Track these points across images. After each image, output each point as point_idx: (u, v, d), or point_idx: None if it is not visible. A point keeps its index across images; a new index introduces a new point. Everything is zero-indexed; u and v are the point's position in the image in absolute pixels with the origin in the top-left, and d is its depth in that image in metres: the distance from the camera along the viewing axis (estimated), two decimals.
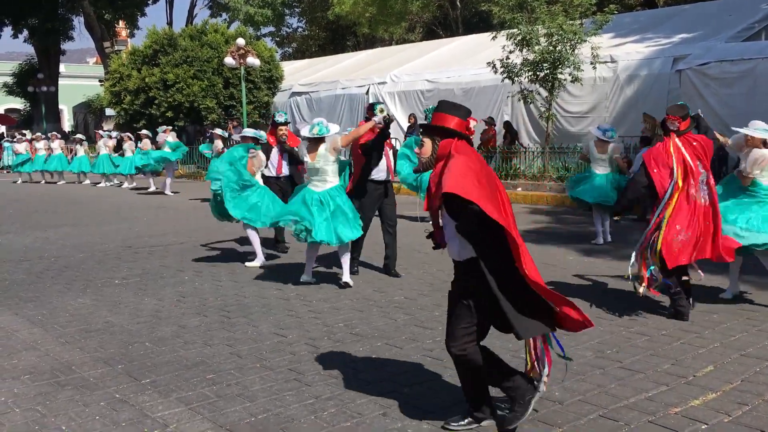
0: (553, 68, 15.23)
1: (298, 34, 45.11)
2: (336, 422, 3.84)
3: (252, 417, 3.93)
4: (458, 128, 3.59)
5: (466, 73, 19.39)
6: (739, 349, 4.89)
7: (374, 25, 32.36)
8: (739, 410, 3.86)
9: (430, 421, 3.81)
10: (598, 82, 15.65)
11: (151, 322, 5.91)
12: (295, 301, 6.54)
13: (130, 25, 41.32)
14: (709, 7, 19.00)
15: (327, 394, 4.24)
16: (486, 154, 17.39)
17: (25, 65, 41.97)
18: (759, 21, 16.27)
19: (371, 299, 6.58)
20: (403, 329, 5.59)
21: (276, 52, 29.99)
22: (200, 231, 11.18)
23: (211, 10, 43.26)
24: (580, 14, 15.41)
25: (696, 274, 5.97)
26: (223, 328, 5.69)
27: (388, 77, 21.50)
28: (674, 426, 3.68)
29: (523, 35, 15.27)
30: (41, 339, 5.48)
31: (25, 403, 4.20)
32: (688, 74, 14.78)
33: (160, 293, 6.95)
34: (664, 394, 4.11)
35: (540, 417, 3.84)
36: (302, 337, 5.43)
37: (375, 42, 36.56)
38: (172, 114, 24.66)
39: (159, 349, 5.17)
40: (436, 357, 4.87)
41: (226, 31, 27.10)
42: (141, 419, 3.93)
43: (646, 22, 19.14)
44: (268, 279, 7.54)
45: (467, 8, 34.20)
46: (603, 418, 3.82)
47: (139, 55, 26.19)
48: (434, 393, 4.23)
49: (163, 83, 24.65)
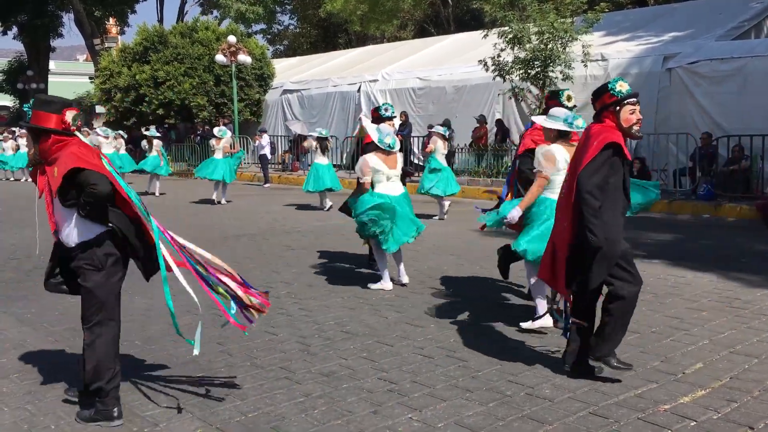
0: (544, 66, 15.27)
1: (289, 31, 44.99)
2: (326, 420, 3.83)
3: (242, 415, 3.92)
4: (57, 126, 3.76)
5: (457, 70, 19.40)
6: (728, 346, 4.92)
7: (366, 23, 32.33)
8: (728, 407, 3.88)
9: (421, 419, 3.82)
10: (589, 80, 15.65)
11: (141, 321, 5.89)
12: (285, 299, 6.53)
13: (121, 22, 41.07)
14: (699, 6, 19.07)
15: (317, 392, 4.24)
16: (477, 152, 17.44)
17: (15, 62, 41.70)
18: (749, 19, 16.34)
19: (362, 297, 6.58)
20: (393, 327, 5.59)
21: (267, 49, 29.94)
22: (191, 230, 11.14)
23: (202, 7, 43.07)
24: (571, 12, 15.46)
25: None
26: (214, 327, 5.67)
27: (380, 75, 21.48)
28: (663, 423, 3.70)
29: (514, 33, 15.30)
30: (30, 338, 5.45)
31: (14, 401, 4.18)
32: (678, 72, 14.82)
33: (151, 292, 6.91)
34: (653, 391, 4.13)
35: (530, 414, 3.85)
36: (293, 335, 5.42)
37: (366, 40, 36.49)
38: (162, 111, 24.55)
39: (149, 348, 5.16)
40: (427, 354, 4.87)
41: (217, 28, 27.01)
42: (131, 418, 3.91)
43: (637, 21, 19.20)
44: (258, 278, 7.52)
45: (459, 6, 34.20)
46: (593, 415, 3.83)
47: (129, 52, 26.05)
48: (425, 390, 4.23)
49: (154, 80, 24.53)
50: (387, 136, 6.73)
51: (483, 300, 6.43)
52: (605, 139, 4.07)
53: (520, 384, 4.27)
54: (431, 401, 4.06)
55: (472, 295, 6.62)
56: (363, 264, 8.02)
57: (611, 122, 4.19)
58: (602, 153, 4.04)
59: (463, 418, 3.83)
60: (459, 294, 6.65)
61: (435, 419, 3.82)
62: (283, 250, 9.14)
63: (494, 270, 7.59)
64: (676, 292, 6.55)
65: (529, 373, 4.46)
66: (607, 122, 4.20)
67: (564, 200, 4.27)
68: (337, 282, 7.22)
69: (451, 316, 5.86)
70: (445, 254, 8.58)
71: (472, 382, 4.35)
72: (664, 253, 8.40)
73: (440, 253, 8.64)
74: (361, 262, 8.09)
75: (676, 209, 12.60)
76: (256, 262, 8.33)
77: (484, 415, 3.86)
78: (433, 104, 19.46)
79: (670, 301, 6.19)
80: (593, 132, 4.19)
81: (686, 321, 5.57)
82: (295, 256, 8.66)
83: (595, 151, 4.05)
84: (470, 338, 5.24)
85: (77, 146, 3.77)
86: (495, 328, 5.47)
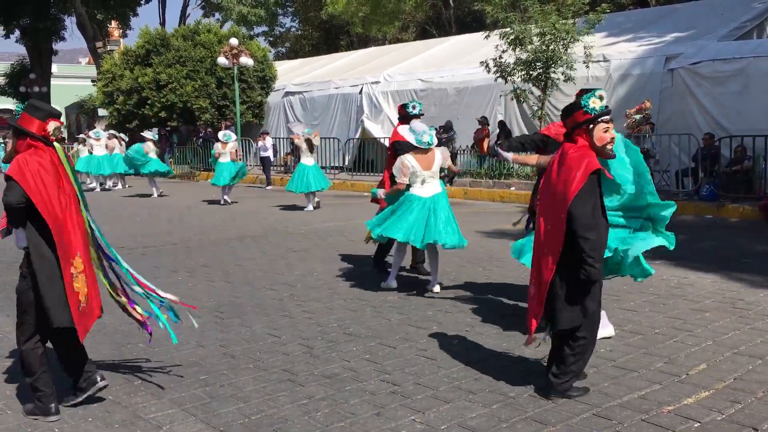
0: (546, 67, 15.27)
1: (291, 33, 45.04)
2: (329, 422, 3.83)
3: (245, 418, 3.92)
4: (38, 131, 3.93)
5: (459, 72, 19.40)
6: (732, 347, 4.91)
7: (367, 25, 32.35)
8: (731, 408, 3.87)
9: (424, 421, 3.82)
10: (590, 82, 15.62)
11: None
12: (288, 302, 6.53)
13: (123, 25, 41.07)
14: (701, 7, 19.06)
15: (320, 394, 4.24)
16: (479, 154, 17.43)
17: (17, 65, 41.76)
18: (751, 20, 16.32)
19: (364, 299, 6.58)
20: (396, 329, 5.58)
21: (269, 51, 30.00)
22: (193, 231, 11.16)
23: (204, 9, 43.13)
24: (573, 13, 15.46)
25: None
26: (217, 329, 5.67)
27: (382, 77, 21.48)
28: (667, 424, 3.69)
29: (516, 34, 15.31)
30: None
31: (18, 405, 4.18)
32: (680, 73, 14.81)
33: None
34: (657, 393, 4.12)
35: (533, 416, 3.84)
36: (296, 337, 5.42)
37: (368, 41, 36.54)
38: (165, 114, 24.59)
39: (152, 350, 5.15)
40: (429, 356, 4.87)
41: (219, 30, 27.06)
42: (134, 420, 3.92)
43: (639, 21, 19.19)
44: (261, 279, 7.53)
45: (460, 8, 34.19)
46: (596, 416, 3.83)
47: (131, 55, 26.11)
48: (429, 392, 4.23)
49: (156, 83, 24.58)
50: (423, 134, 6.55)
51: (486, 301, 6.42)
52: (590, 165, 3.84)
53: (524, 386, 4.27)
54: (434, 403, 4.06)
55: (474, 296, 6.61)
56: (365, 265, 8.01)
57: (584, 141, 3.97)
58: (590, 180, 3.84)
59: (467, 420, 3.83)
60: (462, 296, 6.65)
61: (438, 421, 3.81)
62: (285, 251, 9.15)
63: (496, 271, 7.60)
64: (679, 293, 6.54)
65: (532, 375, 4.45)
66: (580, 141, 3.97)
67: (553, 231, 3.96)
68: (340, 284, 7.22)
69: (454, 318, 5.86)
70: (448, 255, 8.57)
71: (475, 383, 4.34)
72: (666, 253, 8.33)
73: (442, 255, 8.63)
74: (362, 264, 8.09)
75: (679, 210, 12.34)
76: (259, 264, 8.33)
77: (487, 417, 3.85)
78: (435, 106, 19.46)
79: (673, 302, 6.19)
80: (572, 156, 3.91)
81: (689, 322, 5.56)
82: (298, 258, 8.66)
83: (582, 180, 3.81)
84: (473, 340, 5.23)
85: (38, 156, 3.90)
86: (498, 330, 5.47)
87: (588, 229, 3.85)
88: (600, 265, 3.90)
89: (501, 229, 9.99)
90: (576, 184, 3.82)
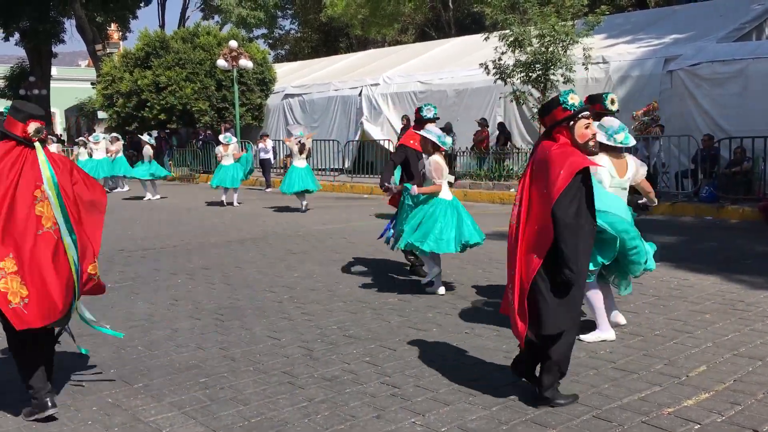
0: (545, 69, 15.27)
1: (290, 36, 45.07)
2: (329, 425, 3.83)
3: (245, 421, 3.92)
4: (21, 134, 3.97)
5: (458, 74, 19.41)
6: (732, 348, 4.91)
7: (367, 27, 32.37)
8: (732, 410, 3.87)
9: (424, 424, 3.81)
10: (590, 83, 15.65)
11: (144, 326, 5.89)
12: (288, 304, 6.53)
13: (122, 28, 41.14)
14: (700, 8, 19.07)
15: (320, 396, 4.24)
16: (479, 156, 17.44)
17: (17, 68, 41.77)
18: (750, 21, 16.33)
19: (364, 301, 6.58)
20: (396, 331, 5.58)
21: (269, 54, 29.96)
22: (193, 234, 11.16)
23: (204, 12, 43.20)
24: (572, 15, 15.46)
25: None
26: (217, 332, 5.67)
27: (381, 79, 21.49)
28: (667, 426, 3.69)
29: (515, 36, 15.31)
30: None
31: (16, 408, 4.17)
32: (679, 75, 14.81)
33: (153, 297, 6.93)
34: (657, 395, 4.12)
35: (533, 418, 3.84)
36: (295, 339, 5.42)
37: (368, 44, 36.53)
38: (164, 116, 24.59)
39: (152, 353, 5.15)
40: (430, 358, 4.87)
41: (218, 33, 27.05)
42: (134, 423, 3.91)
43: (638, 23, 19.19)
44: (261, 282, 7.53)
45: (459, 10, 34.24)
46: (596, 418, 3.82)
47: (131, 58, 26.11)
48: (429, 394, 4.22)
49: (156, 86, 24.58)
50: (445, 136, 6.60)
51: (486, 303, 6.42)
52: (574, 164, 3.68)
53: (524, 388, 4.26)
54: (434, 405, 4.05)
55: (475, 298, 6.61)
56: (365, 268, 8.02)
57: (565, 138, 3.84)
58: (574, 179, 3.68)
59: (467, 422, 3.82)
60: (462, 297, 6.65)
61: (438, 423, 3.81)
62: (285, 254, 9.14)
63: (496, 273, 7.60)
64: (679, 294, 6.54)
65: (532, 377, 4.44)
66: (560, 139, 3.85)
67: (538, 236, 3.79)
68: (339, 286, 7.22)
69: (454, 321, 5.86)
70: (448, 257, 8.57)
71: (476, 385, 4.34)
72: (666, 255, 8.37)
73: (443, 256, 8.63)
74: (362, 266, 8.08)
75: (679, 211, 12.58)
76: (259, 266, 8.33)
77: (487, 419, 3.85)
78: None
79: (673, 304, 6.18)
80: (553, 154, 3.75)
81: (689, 323, 5.56)
82: (297, 260, 8.66)
83: (566, 180, 3.64)
84: (473, 342, 5.23)
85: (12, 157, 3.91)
86: (498, 332, 5.46)
87: (570, 232, 3.68)
88: (578, 269, 3.73)
89: (501, 231, 9.95)
90: (561, 183, 3.65)
